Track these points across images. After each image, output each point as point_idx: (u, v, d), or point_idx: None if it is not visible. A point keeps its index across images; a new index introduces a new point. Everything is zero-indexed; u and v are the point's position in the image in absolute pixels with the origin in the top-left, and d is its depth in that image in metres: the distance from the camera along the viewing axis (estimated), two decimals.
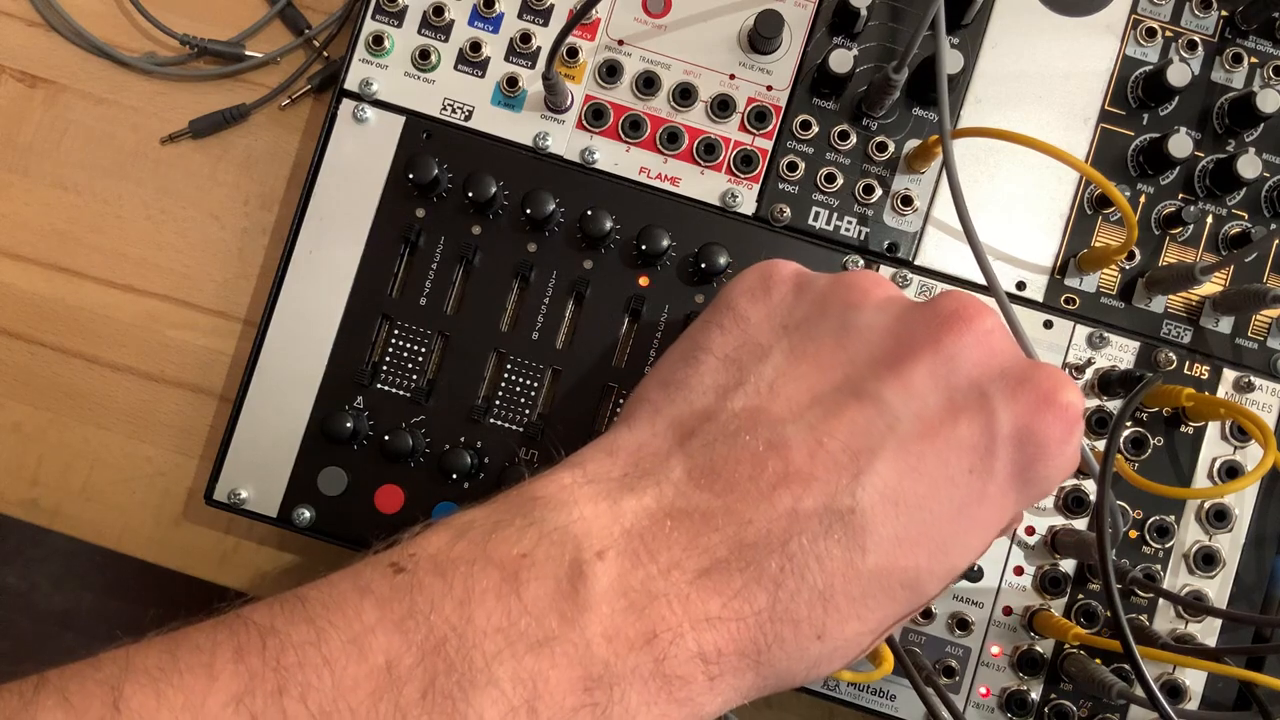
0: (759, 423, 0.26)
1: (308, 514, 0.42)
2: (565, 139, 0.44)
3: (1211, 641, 0.42)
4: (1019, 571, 0.42)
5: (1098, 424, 0.42)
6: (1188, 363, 0.43)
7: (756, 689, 0.26)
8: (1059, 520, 0.42)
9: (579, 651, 0.23)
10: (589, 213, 0.41)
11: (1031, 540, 0.42)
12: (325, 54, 0.48)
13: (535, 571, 0.24)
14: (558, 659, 0.23)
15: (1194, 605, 0.38)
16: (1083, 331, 0.43)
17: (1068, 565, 0.42)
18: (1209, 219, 0.44)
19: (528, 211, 0.41)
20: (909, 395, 0.27)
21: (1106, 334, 0.43)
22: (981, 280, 0.43)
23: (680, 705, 0.24)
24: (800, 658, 0.26)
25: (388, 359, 0.42)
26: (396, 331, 0.42)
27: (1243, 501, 0.42)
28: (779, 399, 0.27)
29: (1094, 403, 0.42)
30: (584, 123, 0.44)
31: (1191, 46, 0.44)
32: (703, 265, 0.41)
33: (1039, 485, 0.28)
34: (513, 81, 0.43)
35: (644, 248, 0.41)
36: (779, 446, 0.26)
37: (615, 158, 0.44)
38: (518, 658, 0.23)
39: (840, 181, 0.43)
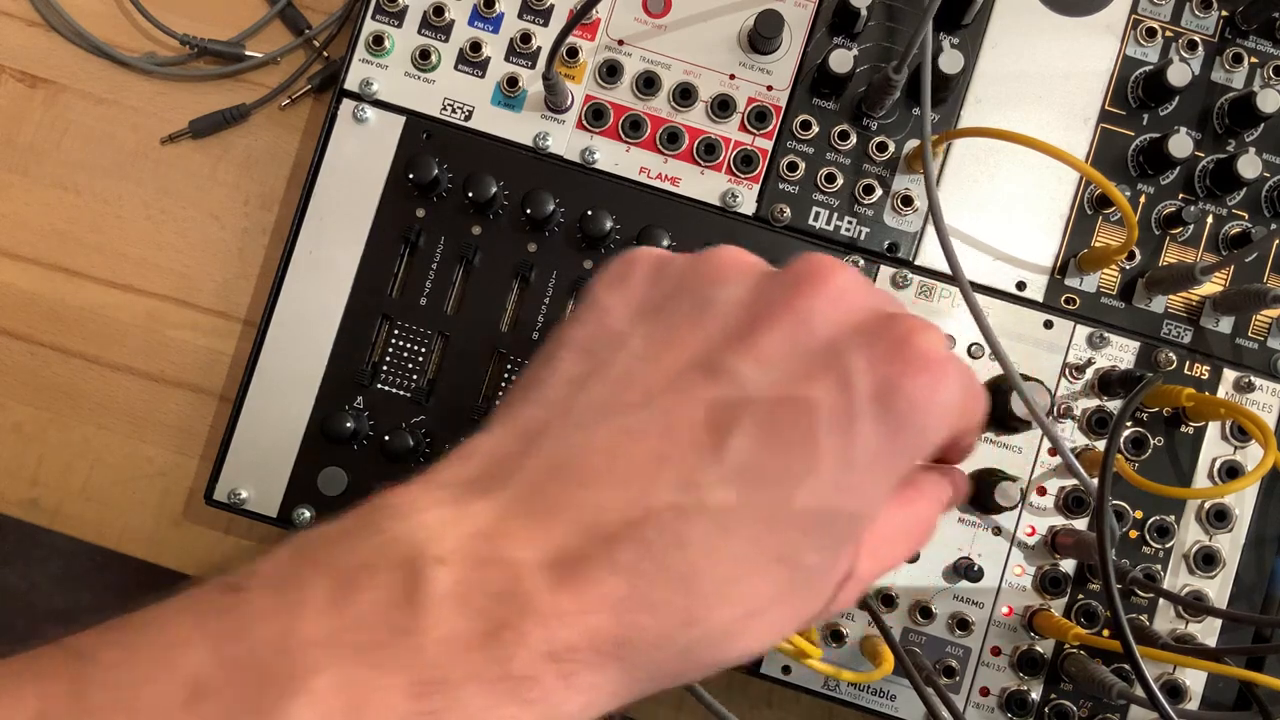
0: (612, 411, 0.26)
1: (308, 514, 0.42)
2: (565, 139, 0.44)
3: (1211, 641, 0.42)
4: (1019, 571, 0.42)
5: (1098, 424, 0.42)
6: (1188, 363, 0.43)
7: (629, 685, 0.25)
8: (1059, 520, 0.42)
9: (411, 657, 0.22)
10: (589, 213, 0.41)
11: (1031, 540, 0.42)
12: (325, 54, 0.48)
13: (371, 580, 0.23)
14: (386, 666, 0.22)
15: (1194, 605, 0.38)
16: (1083, 331, 0.43)
17: (1068, 565, 0.42)
18: (1209, 219, 0.44)
19: (528, 211, 0.41)
20: (762, 365, 0.26)
21: (1107, 334, 0.43)
22: (981, 281, 0.43)
23: (530, 706, 0.23)
24: (670, 648, 0.25)
25: (388, 359, 0.42)
26: (396, 331, 0.42)
27: (1243, 501, 0.42)
28: (633, 386, 0.26)
29: (1094, 403, 0.42)
30: (584, 123, 0.44)
31: (1191, 46, 0.44)
32: None
33: (916, 438, 0.26)
34: (513, 81, 0.43)
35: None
36: (632, 433, 0.25)
37: (615, 158, 0.44)
38: (341, 667, 0.22)
39: (840, 181, 0.43)
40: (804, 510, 0.25)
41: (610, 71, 0.44)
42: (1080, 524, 0.42)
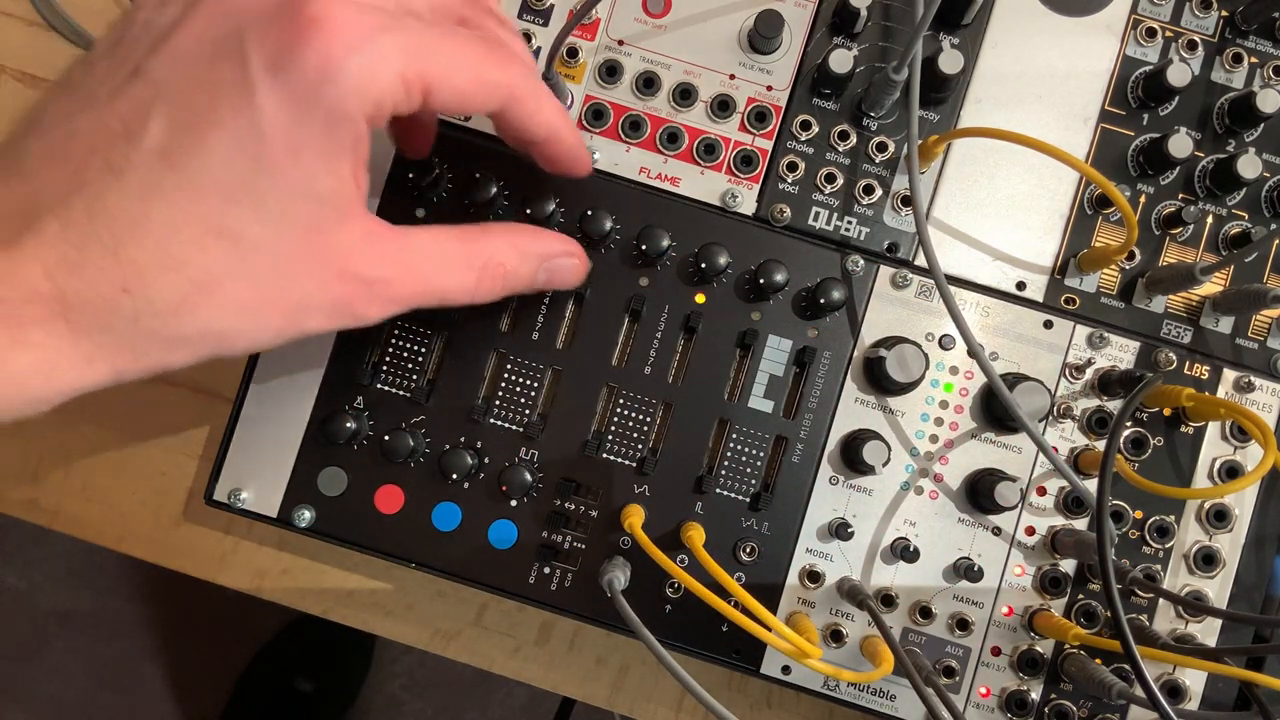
0: (62, 122, 0.29)
1: (308, 514, 0.42)
2: None
3: (1211, 641, 0.42)
4: (1019, 571, 0.42)
5: (1098, 424, 0.42)
6: (1188, 363, 0.43)
7: (89, 350, 0.28)
8: (1059, 520, 0.42)
9: None
10: (589, 213, 0.41)
11: (1031, 540, 0.42)
12: None
13: None
14: None
15: (1194, 605, 0.38)
16: (1083, 332, 0.43)
17: (1068, 565, 0.42)
18: (1209, 219, 0.44)
19: (528, 212, 0.41)
20: (174, 58, 0.29)
21: (1106, 334, 0.43)
22: (981, 281, 0.43)
23: None
24: (113, 311, 0.28)
25: (388, 359, 0.42)
26: (396, 331, 0.42)
27: (1243, 501, 0.42)
28: (80, 100, 0.30)
29: (1094, 403, 0.42)
30: (584, 123, 0.44)
31: (1191, 46, 0.44)
32: (703, 265, 0.41)
33: (327, 103, 0.28)
34: None
35: (644, 248, 0.41)
36: (72, 135, 0.29)
37: (615, 158, 0.44)
38: None
39: (840, 181, 0.43)
40: (222, 181, 0.28)
41: (610, 71, 0.44)
42: (1080, 524, 0.42)
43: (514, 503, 0.42)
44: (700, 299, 0.42)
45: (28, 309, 0.27)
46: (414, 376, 0.42)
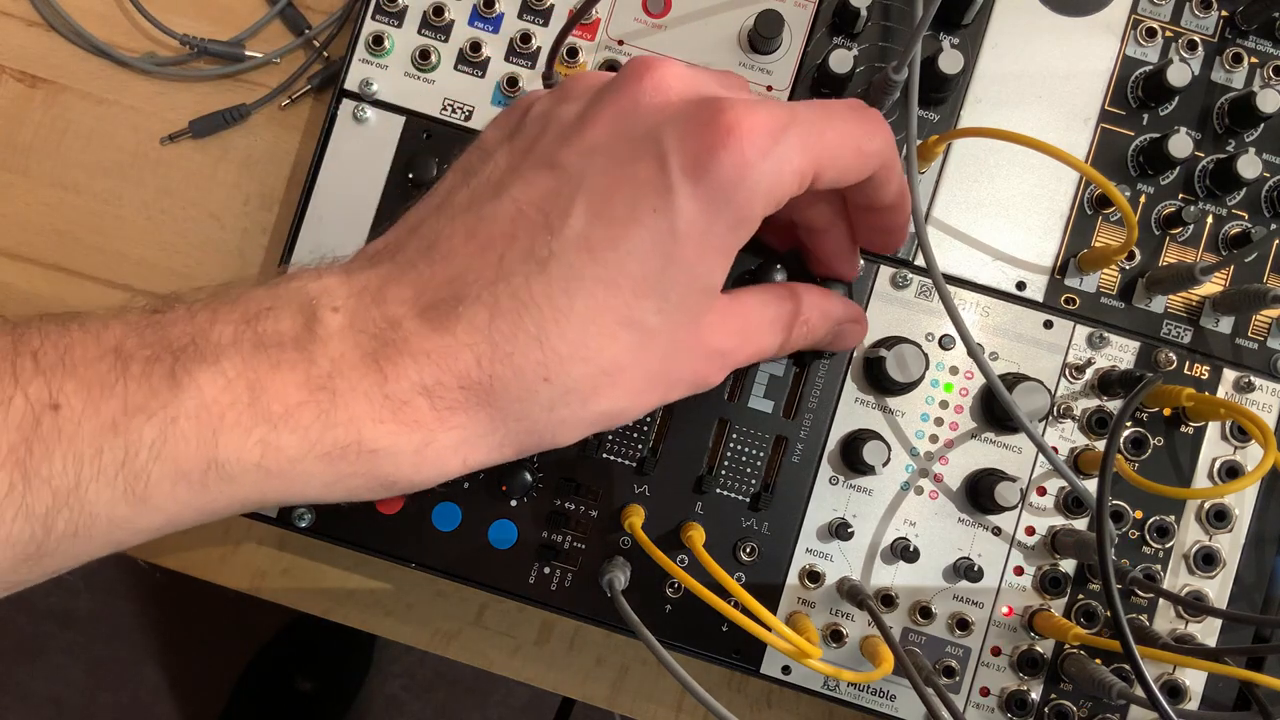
0: (473, 206, 0.31)
1: (308, 514, 0.42)
2: None
3: (1211, 641, 0.42)
4: (1019, 571, 0.42)
5: (1098, 424, 0.42)
6: (1188, 363, 0.43)
7: (505, 434, 0.30)
8: (1059, 520, 0.42)
9: (306, 364, 0.28)
10: None
11: (1031, 540, 0.42)
12: (325, 54, 0.48)
13: (275, 314, 0.28)
14: (284, 365, 0.27)
15: (1194, 605, 0.38)
16: (1083, 331, 0.43)
17: (1068, 565, 0.42)
18: (1209, 219, 0.44)
19: None
20: (591, 153, 0.30)
21: (1106, 334, 0.43)
22: (981, 281, 0.43)
23: (410, 429, 0.28)
24: (534, 400, 0.29)
25: None
26: None
27: (1243, 501, 0.42)
28: (490, 186, 0.31)
29: (1094, 403, 0.42)
30: None
31: (1191, 46, 0.44)
32: None
33: (735, 207, 0.29)
34: (513, 81, 0.43)
35: None
36: (487, 219, 0.30)
37: None
38: (245, 358, 0.27)
39: None
40: (636, 275, 0.29)
41: (610, 72, 0.44)
42: (1080, 524, 0.42)
43: (514, 503, 0.42)
44: None
45: (459, 394, 0.29)
46: None
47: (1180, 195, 0.44)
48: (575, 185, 0.29)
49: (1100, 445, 0.42)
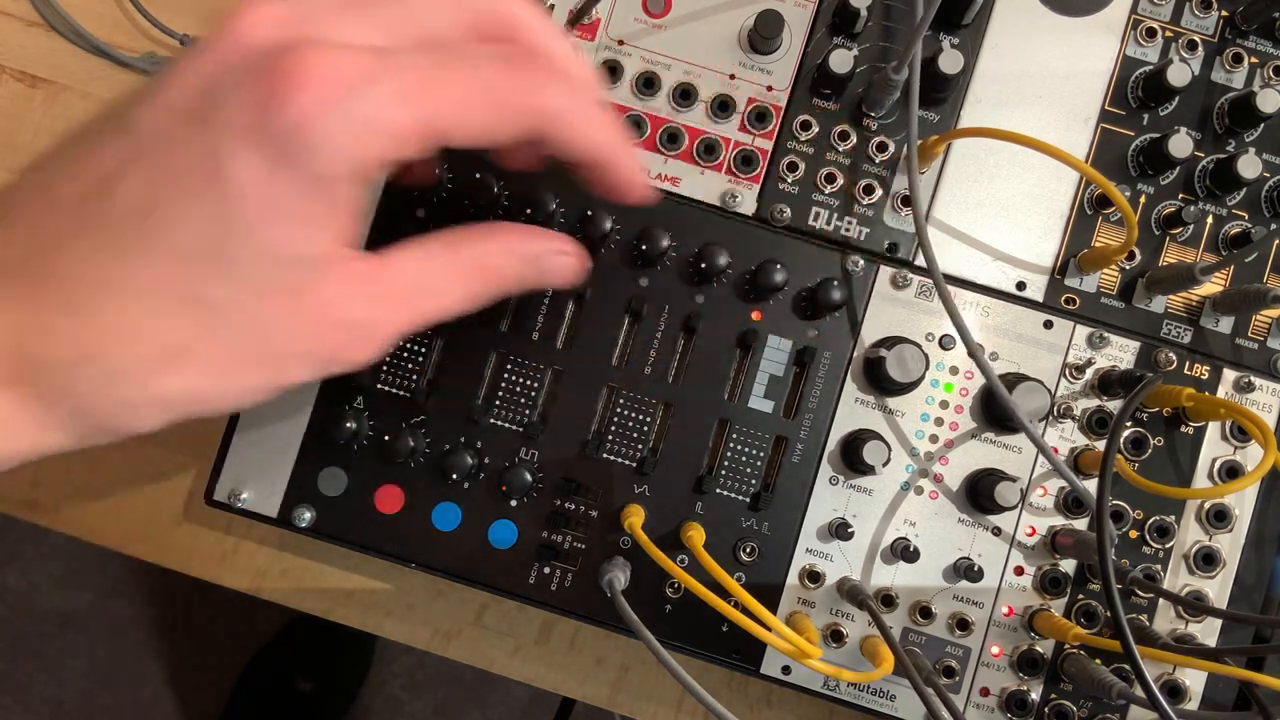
0: (49, 167, 0.28)
1: (308, 514, 0.42)
2: None
3: (1211, 641, 0.42)
4: (1019, 571, 0.42)
5: (1098, 424, 0.42)
6: (1188, 363, 0.43)
7: (58, 417, 0.27)
8: (1059, 520, 0.42)
9: None
10: (589, 213, 0.41)
11: (1031, 540, 0.42)
12: None
13: None
14: None
15: (1194, 605, 0.38)
16: (1083, 332, 0.43)
17: (1068, 565, 0.42)
18: (1209, 219, 0.44)
19: (528, 212, 0.41)
20: (156, 112, 0.27)
21: (1106, 334, 0.43)
22: (981, 281, 0.43)
23: None
24: (84, 381, 0.27)
25: (388, 359, 0.42)
26: None
27: (1243, 501, 0.42)
28: (74, 150, 0.28)
29: (1094, 403, 0.42)
30: None
31: (1191, 46, 0.44)
32: (703, 265, 0.41)
33: (308, 162, 0.26)
34: None
35: (644, 248, 0.41)
36: (56, 182, 0.28)
37: None
38: None
39: (840, 182, 0.43)
40: (191, 247, 0.27)
41: (610, 71, 0.44)
42: (1080, 524, 0.42)
43: (514, 503, 0.42)
44: (700, 299, 0.42)
45: None
46: (414, 377, 0.42)
47: (1180, 195, 0.44)
48: (138, 150, 0.27)
49: (1100, 445, 0.42)
